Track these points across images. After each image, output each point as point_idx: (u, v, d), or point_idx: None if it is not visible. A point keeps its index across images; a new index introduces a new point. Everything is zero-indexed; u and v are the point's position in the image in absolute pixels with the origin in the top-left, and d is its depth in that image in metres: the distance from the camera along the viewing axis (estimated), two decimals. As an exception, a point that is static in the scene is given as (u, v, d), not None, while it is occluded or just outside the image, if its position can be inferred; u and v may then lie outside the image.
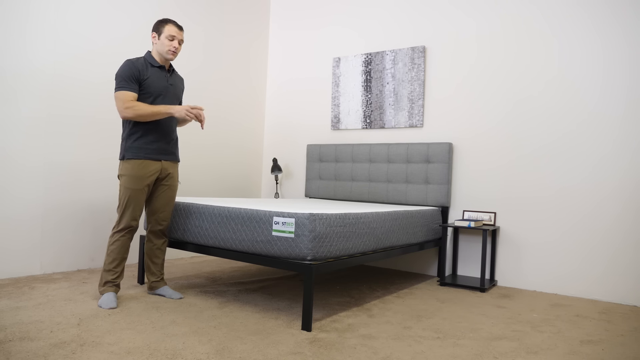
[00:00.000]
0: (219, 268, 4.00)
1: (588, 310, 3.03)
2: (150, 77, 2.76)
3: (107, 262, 2.72)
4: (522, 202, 3.67)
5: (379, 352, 2.09)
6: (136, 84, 2.71)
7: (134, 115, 2.66)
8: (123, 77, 2.68)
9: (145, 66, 2.77)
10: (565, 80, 3.53)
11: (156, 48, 2.82)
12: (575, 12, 3.51)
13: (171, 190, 2.91)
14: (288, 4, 5.13)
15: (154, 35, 2.82)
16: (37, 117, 3.36)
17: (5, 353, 1.88)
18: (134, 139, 2.74)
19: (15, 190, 3.26)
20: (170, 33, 2.78)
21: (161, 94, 2.81)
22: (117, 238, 2.73)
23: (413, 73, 4.17)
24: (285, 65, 5.11)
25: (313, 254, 2.40)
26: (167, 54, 2.80)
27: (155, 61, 2.82)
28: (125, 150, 2.75)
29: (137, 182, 2.72)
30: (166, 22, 2.81)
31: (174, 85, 2.91)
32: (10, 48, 3.21)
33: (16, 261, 3.27)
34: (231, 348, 2.07)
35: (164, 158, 2.83)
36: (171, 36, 2.78)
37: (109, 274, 2.71)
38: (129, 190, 2.71)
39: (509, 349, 2.22)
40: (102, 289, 2.71)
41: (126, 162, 2.73)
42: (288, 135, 5.04)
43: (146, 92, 2.76)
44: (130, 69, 2.70)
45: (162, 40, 2.79)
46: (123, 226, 2.73)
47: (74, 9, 3.54)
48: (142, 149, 2.74)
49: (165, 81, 2.84)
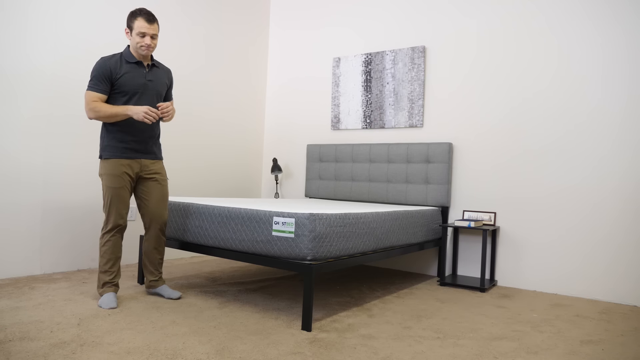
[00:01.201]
0: (219, 268, 4.00)
1: (588, 310, 3.03)
2: (124, 75, 2.66)
3: (101, 264, 2.70)
4: (522, 202, 3.67)
5: (379, 352, 2.09)
6: (106, 84, 2.62)
7: (95, 116, 2.59)
8: (93, 76, 2.61)
9: (119, 64, 2.66)
10: (565, 80, 3.53)
11: (132, 43, 2.69)
12: (575, 12, 3.51)
13: (161, 186, 2.85)
14: (288, 4, 5.13)
15: (127, 31, 2.69)
16: (37, 116, 3.36)
17: (5, 353, 1.88)
18: (110, 137, 2.69)
19: (15, 190, 3.26)
20: (140, 30, 2.63)
21: (138, 91, 2.71)
22: (108, 238, 2.70)
23: (413, 73, 4.17)
24: (285, 66, 5.11)
25: (313, 254, 2.40)
26: (140, 50, 2.67)
27: (131, 57, 2.70)
28: (102, 150, 2.71)
29: (116, 180, 2.68)
30: (135, 16, 2.65)
31: (154, 81, 2.79)
32: (10, 48, 3.21)
33: (16, 261, 3.27)
34: (231, 348, 2.07)
35: (142, 157, 2.77)
36: (141, 33, 2.64)
37: (106, 275, 2.70)
38: (111, 189, 2.67)
39: (509, 349, 2.22)
40: (101, 291, 2.70)
41: (104, 161, 2.70)
42: (288, 135, 5.04)
43: (120, 91, 2.67)
44: (101, 67, 2.61)
45: (134, 37, 2.66)
46: (111, 226, 2.70)
47: (73, 9, 3.54)
48: (118, 148, 2.69)
49: (142, 78, 2.73)
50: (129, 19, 2.68)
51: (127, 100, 2.69)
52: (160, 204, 2.85)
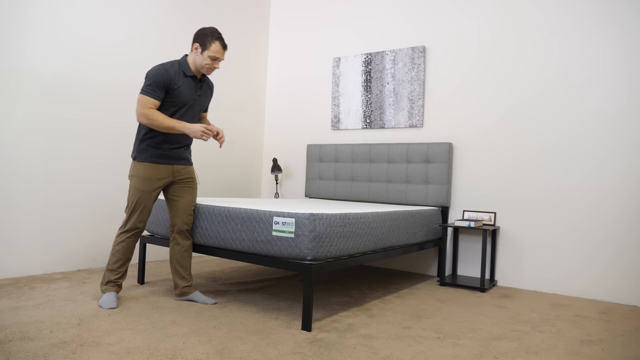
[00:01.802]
0: (219, 268, 4.00)
1: (588, 310, 3.03)
2: (180, 87, 2.67)
3: (111, 262, 2.71)
4: (522, 201, 3.67)
5: (379, 352, 2.09)
6: (163, 92, 2.62)
7: (147, 123, 2.60)
8: (152, 82, 2.59)
9: (178, 75, 2.67)
10: (565, 80, 3.53)
11: (195, 59, 2.70)
12: (575, 11, 3.51)
13: (193, 190, 2.88)
14: (288, 4, 5.12)
15: (196, 46, 2.68)
16: (38, 117, 3.36)
17: (5, 353, 1.88)
18: (148, 142, 2.70)
19: (15, 190, 3.26)
20: (215, 54, 2.67)
21: (187, 104, 2.73)
22: (124, 239, 2.71)
23: (413, 73, 4.17)
24: (285, 65, 5.11)
25: (313, 254, 2.40)
26: (205, 70, 2.71)
27: (189, 70, 2.71)
28: (138, 152, 2.71)
29: (147, 184, 2.69)
30: (214, 38, 2.67)
31: (202, 96, 2.83)
32: (10, 49, 3.21)
33: (16, 261, 3.27)
34: (231, 348, 2.07)
35: (175, 162, 2.79)
36: (214, 57, 2.68)
37: (112, 273, 2.70)
38: (139, 192, 2.68)
39: (509, 349, 2.22)
40: (103, 288, 2.70)
41: (138, 163, 2.70)
42: (288, 135, 5.04)
43: (172, 102, 2.67)
44: (161, 75, 2.60)
45: (204, 56, 2.67)
46: (130, 227, 2.71)
47: (73, 9, 3.54)
48: (154, 153, 2.71)
49: (194, 92, 2.75)
50: (203, 37, 2.67)
51: (175, 112, 2.70)
52: (191, 206, 2.85)
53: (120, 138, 3.86)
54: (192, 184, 2.88)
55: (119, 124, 3.85)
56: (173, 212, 2.84)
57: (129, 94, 3.92)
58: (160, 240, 3.11)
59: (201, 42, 2.68)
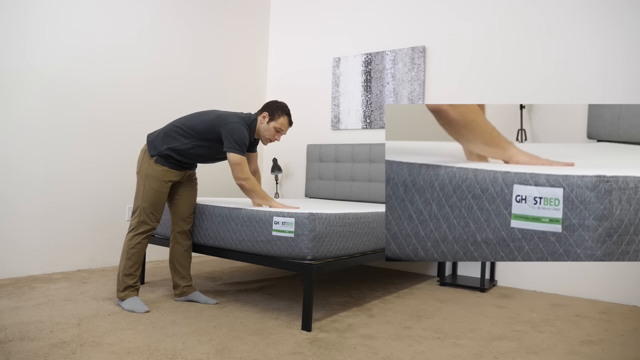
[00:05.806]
0: (219, 268, 4.00)
1: (588, 310, 3.03)
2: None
3: (127, 267, 2.62)
4: (522, 202, 3.67)
5: (379, 352, 2.09)
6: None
7: (243, 190, 2.71)
8: (241, 142, 2.65)
9: (249, 137, 2.76)
10: (564, 79, 3.53)
11: (261, 127, 2.80)
12: (574, 12, 3.51)
13: (195, 189, 2.90)
14: (288, 4, 5.13)
15: (264, 115, 2.78)
16: (38, 117, 3.36)
17: (5, 353, 1.89)
18: (174, 150, 2.68)
19: (15, 190, 3.26)
20: (281, 127, 2.79)
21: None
22: (139, 241, 2.65)
23: (413, 73, 4.17)
24: (284, 65, 5.11)
25: (313, 254, 2.40)
26: (265, 140, 2.83)
27: (252, 133, 2.82)
28: (157, 152, 2.68)
29: (163, 185, 2.68)
30: (282, 112, 2.79)
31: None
32: (10, 49, 3.21)
33: (16, 261, 3.27)
34: (231, 348, 2.07)
35: (187, 168, 2.83)
36: (280, 130, 2.80)
37: (130, 278, 2.63)
38: (155, 192, 2.65)
39: (509, 349, 2.22)
40: (122, 294, 2.62)
41: (156, 164, 2.66)
42: (288, 135, 5.04)
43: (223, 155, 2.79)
44: (245, 136, 2.67)
45: (270, 126, 2.78)
46: (146, 228, 2.66)
47: (74, 9, 3.54)
48: (174, 162, 2.72)
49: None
50: (273, 109, 2.79)
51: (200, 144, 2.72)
52: (192, 206, 2.87)
53: (121, 139, 3.86)
54: (193, 183, 2.90)
55: (119, 125, 3.85)
56: (175, 212, 2.84)
57: (130, 94, 3.92)
58: (160, 240, 3.11)
59: (270, 112, 2.79)
